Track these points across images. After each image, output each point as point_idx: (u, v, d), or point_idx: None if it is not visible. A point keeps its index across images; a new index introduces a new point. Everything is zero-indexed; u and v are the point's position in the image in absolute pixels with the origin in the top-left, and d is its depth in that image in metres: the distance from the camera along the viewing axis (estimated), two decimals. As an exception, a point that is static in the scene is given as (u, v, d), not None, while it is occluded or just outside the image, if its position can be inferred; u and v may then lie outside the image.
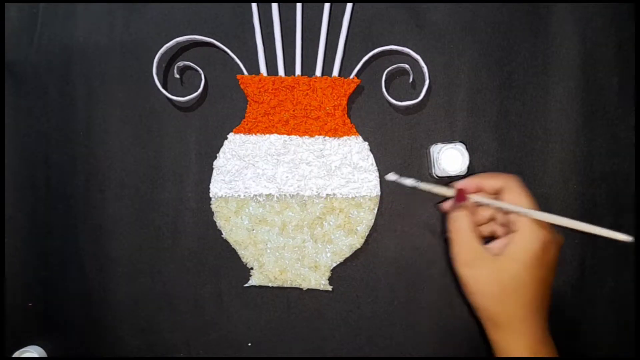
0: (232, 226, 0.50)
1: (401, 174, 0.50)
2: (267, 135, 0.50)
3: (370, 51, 0.49)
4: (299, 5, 0.50)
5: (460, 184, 0.44)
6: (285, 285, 0.50)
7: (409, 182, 0.45)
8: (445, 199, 0.47)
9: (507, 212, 0.42)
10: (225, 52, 0.50)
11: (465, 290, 0.42)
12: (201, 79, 0.50)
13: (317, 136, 0.50)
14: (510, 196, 0.41)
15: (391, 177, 0.45)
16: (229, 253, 0.51)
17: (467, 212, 0.42)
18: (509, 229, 0.41)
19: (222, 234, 0.50)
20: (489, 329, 0.41)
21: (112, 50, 0.52)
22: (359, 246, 0.49)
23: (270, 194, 0.49)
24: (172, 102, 0.51)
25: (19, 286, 0.52)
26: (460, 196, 0.43)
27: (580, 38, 0.50)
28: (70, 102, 0.52)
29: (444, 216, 0.50)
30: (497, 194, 0.43)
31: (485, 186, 0.43)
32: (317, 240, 0.49)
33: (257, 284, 0.50)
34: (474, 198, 0.43)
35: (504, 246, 0.40)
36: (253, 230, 0.50)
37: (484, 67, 0.50)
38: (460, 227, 0.42)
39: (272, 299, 0.51)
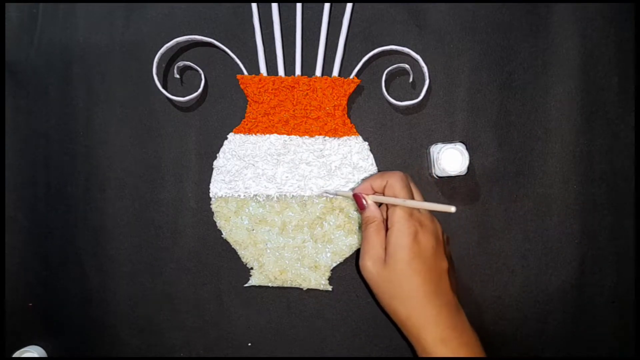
0: (232, 226, 0.50)
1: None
2: (267, 135, 0.50)
3: (370, 51, 0.49)
4: (299, 5, 0.50)
5: (356, 190, 0.45)
6: (285, 285, 0.50)
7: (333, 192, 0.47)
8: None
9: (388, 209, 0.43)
10: (225, 52, 0.50)
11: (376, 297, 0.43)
12: (201, 79, 0.50)
13: (317, 136, 0.50)
14: (390, 192, 0.43)
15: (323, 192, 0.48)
16: (229, 253, 0.51)
17: (376, 223, 0.43)
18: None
19: (222, 234, 0.50)
20: (406, 333, 0.42)
21: (112, 50, 0.52)
22: (359, 246, 0.49)
23: (270, 194, 0.49)
24: (172, 102, 0.51)
25: (19, 286, 0.52)
26: (360, 203, 0.44)
27: (580, 38, 0.50)
28: (70, 102, 0.52)
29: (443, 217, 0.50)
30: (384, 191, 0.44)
31: (374, 186, 0.44)
32: (317, 240, 0.49)
33: (257, 284, 0.50)
34: (371, 198, 0.44)
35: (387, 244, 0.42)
36: (253, 230, 0.50)
37: (484, 67, 0.50)
38: (367, 235, 0.43)
39: (272, 299, 0.51)
